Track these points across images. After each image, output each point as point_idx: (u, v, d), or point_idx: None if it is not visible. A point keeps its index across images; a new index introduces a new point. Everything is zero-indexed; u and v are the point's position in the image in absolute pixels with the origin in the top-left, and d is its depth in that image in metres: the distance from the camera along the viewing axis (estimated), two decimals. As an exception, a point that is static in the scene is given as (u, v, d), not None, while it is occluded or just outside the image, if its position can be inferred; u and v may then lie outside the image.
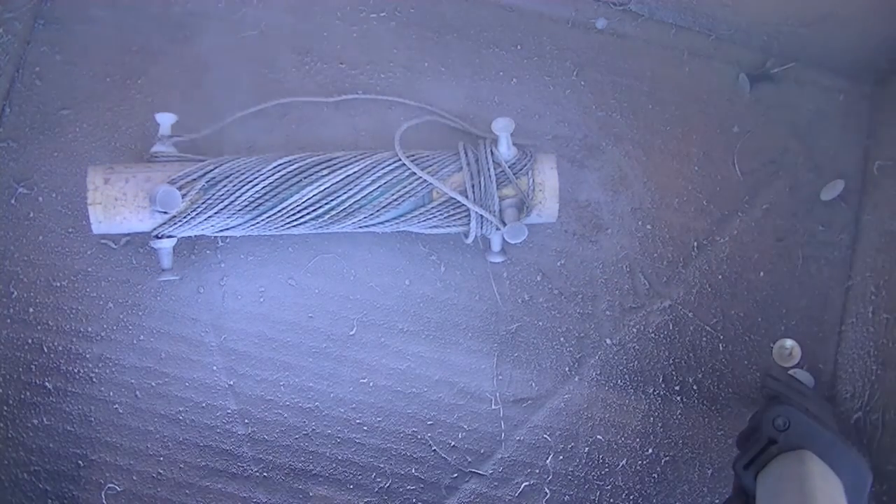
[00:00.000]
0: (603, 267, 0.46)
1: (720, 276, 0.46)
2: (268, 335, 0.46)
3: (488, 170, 0.40)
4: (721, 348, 0.46)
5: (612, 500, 0.45)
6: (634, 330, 0.46)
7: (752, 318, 0.46)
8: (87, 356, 0.45)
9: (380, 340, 0.46)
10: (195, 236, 0.44)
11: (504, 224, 0.41)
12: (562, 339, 0.46)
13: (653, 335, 0.46)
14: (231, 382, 0.46)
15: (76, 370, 0.45)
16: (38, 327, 0.45)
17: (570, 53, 0.47)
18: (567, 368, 0.46)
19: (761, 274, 0.46)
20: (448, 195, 0.41)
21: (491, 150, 0.41)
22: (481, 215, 0.40)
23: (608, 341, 0.46)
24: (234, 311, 0.46)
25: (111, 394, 0.45)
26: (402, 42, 0.47)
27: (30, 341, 0.45)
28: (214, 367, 0.45)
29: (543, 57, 0.47)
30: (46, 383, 0.45)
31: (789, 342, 0.46)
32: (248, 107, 0.46)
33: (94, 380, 0.45)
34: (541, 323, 0.46)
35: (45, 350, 0.45)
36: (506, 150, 0.41)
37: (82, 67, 0.46)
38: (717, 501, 0.45)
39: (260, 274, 0.46)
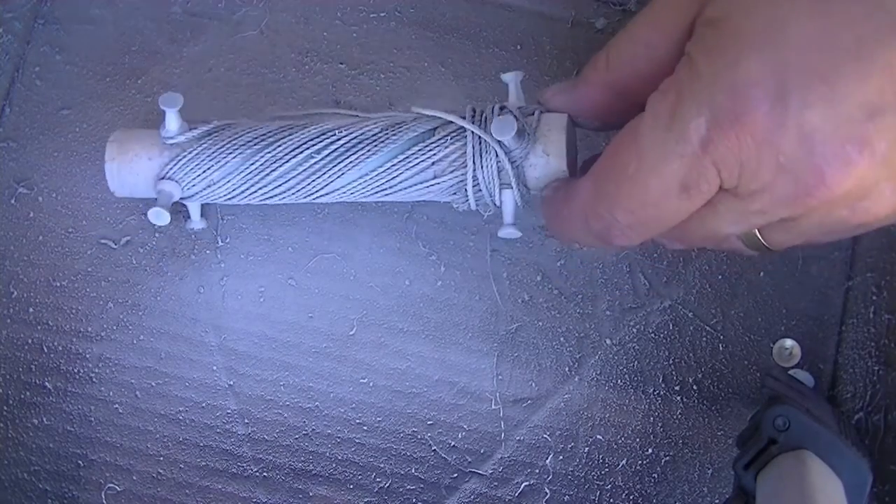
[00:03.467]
0: (603, 267, 0.46)
1: (720, 276, 0.46)
2: (268, 335, 0.46)
3: (492, 110, 0.38)
4: (721, 348, 0.46)
5: (612, 500, 0.45)
6: (634, 330, 0.46)
7: (752, 318, 0.46)
8: (87, 356, 0.45)
9: (380, 340, 0.46)
10: (196, 230, 0.44)
11: (501, 142, 0.37)
12: (562, 339, 0.46)
13: (653, 335, 0.46)
14: (231, 382, 0.46)
15: (76, 370, 0.45)
16: (38, 327, 0.45)
17: (570, 53, 0.47)
18: (567, 368, 0.46)
19: (761, 274, 0.46)
20: (446, 119, 0.38)
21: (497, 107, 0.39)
22: (479, 137, 0.38)
23: (608, 341, 0.46)
24: (234, 311, 0.46)
25: (111, 394, 0.45)
26: (402, 42, 0.47)
27: (30, 341, 0.45)
28: (214, 367, 0.45)
29: (543, 57, 0.47)
30: (46, 383, 0.45)
31: (789, 342, 0.46)
32: (249, 107, 0.46)
33: (94, 380, 0.45)
34: (541, 323, 0.46)
35: (45, 350, 0.45)
36: (515, 99, 0.39)
37: (82, 67, 0.47)
38: (717, 501, 0.45)
39: (260, 274, 0.46)
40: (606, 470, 0.46)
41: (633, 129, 0.29)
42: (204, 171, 0.40)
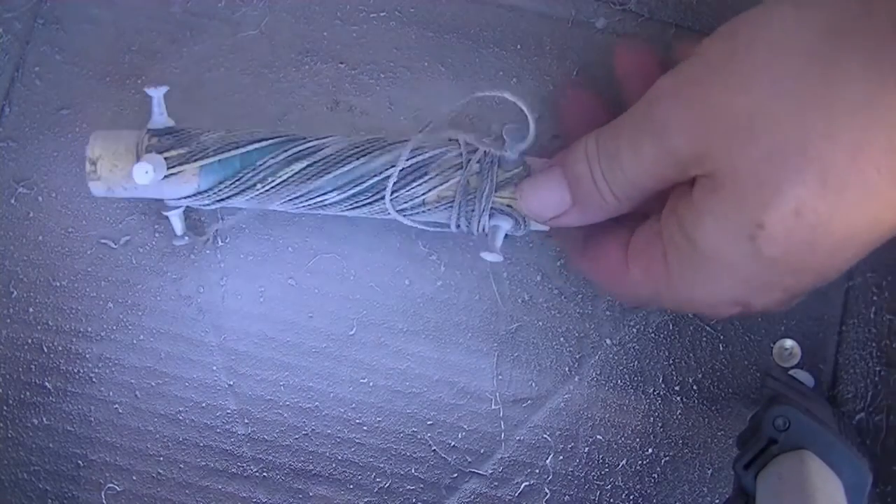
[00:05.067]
0: (603, 267, 0.46)
1: (720, 276, 0.46)
2: (268, 335, 0.46)
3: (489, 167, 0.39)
4: (721, 348, 0.46)
5: (612, 500, 0.45)
6: (634, 330, 0.46)
7: (752, 318, 0.46)
8: (87, 356, 0.45)
9: (379, 340, 0.46)
10: (180, 245, 0.44)
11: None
12: (562, 339, 0.46)
13: (653, 335, 0.46)
14: (231, 382, 0.46)
15: (76, 370, 0.45)
16: (38, 327, 0.45)
17: (570, 53, 0.47)
18: (567, 368, 0.46)
19: (761, 274, 0.46)
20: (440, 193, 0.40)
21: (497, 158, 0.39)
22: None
23: (608, 341, 0.46)
24: (234, 311, 0.46)
25: (111, 394, 0.45)
26: (402, 42, 0.47)
27: (30, 341, 0.45)
28: (214, 367, 0.45)
29: (543, 57, 0.47)
30: (46, 383, 0.45)
31: (789, 342, 0.45)
32: (248, 107, 0.46)
33: (94, 380, 0.45)
34: (541, 323, 0.46)
35: (45, 350, 0.45)
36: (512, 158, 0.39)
37: (82, 67, 0.47)
38: (717, 501, 0.45)
39: (260, 273, 0.46)
40: (606, 470, 0.45)
41: (620, 273, 0.37)
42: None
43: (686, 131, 0.31)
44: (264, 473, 0.45)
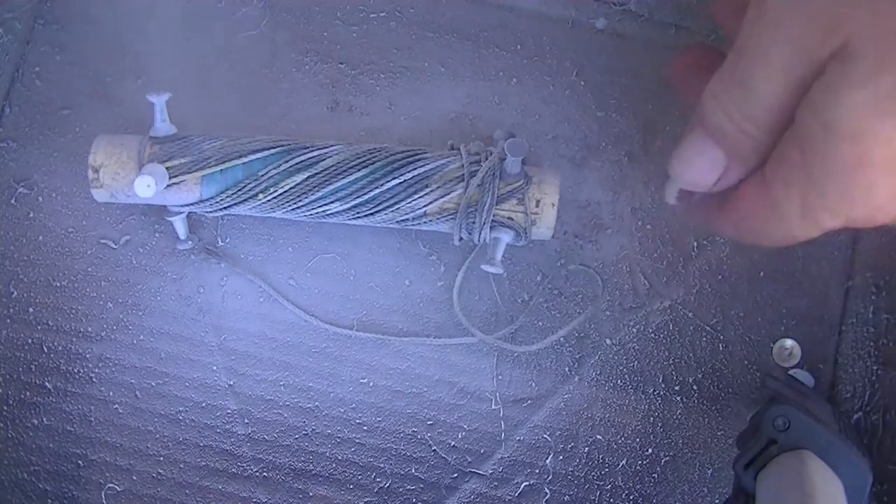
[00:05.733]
0: (603, 267, 0.46)
1: (720, 276, 0.46)
2: (268, 335, 0.46)
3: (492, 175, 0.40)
4: (721, 348, 0.46)
5: (612, 500, 0.45)
6: (634, 330, 0.46)
7: (752, 318, 0.46)
8: (87, 356, 0.45)
9: (380, 340, 0.46)
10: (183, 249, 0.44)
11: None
12: (562, 339, 0.46)
13: (653, 335, 0.46)
14: (231, 382, 0.46)
15: (76, 370, 0.45)
16: (38, 327, 0.45)
17: (570, 53, 0.47)
18: (567, 368, 0.46)
19: (761, 274, 0.46)
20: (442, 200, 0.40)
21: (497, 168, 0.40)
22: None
23: (608, 341, 0.46)
24: (235, 311, 0.46)
25: (111, 394, 0.45)
26: (402, 42, 0.47)
27: (30, 341, 0.45)
28: (214, 367, 0.45)
29: (543, 57, 0.47)
30: (46, 383, 0.45)
31: (789, 342, 0.46)
32: (249, 107, 0.46)
33: (94, 380, 0.45)
34: (541, 323, 0.46)
35: (45, 350, 0.45)
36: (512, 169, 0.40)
37: (82, 67, 0.47)
38: (717, 501, 0.45)
39: (260, 274, 0.46)
40: (606, 470, 0.46)
41: (763, 204, 0.31)
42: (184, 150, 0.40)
43: (806, 11, 0.28)
44: (264, 473, 0.45)
